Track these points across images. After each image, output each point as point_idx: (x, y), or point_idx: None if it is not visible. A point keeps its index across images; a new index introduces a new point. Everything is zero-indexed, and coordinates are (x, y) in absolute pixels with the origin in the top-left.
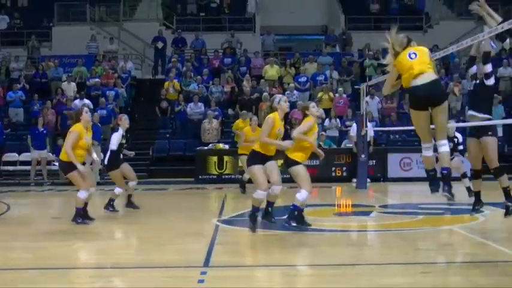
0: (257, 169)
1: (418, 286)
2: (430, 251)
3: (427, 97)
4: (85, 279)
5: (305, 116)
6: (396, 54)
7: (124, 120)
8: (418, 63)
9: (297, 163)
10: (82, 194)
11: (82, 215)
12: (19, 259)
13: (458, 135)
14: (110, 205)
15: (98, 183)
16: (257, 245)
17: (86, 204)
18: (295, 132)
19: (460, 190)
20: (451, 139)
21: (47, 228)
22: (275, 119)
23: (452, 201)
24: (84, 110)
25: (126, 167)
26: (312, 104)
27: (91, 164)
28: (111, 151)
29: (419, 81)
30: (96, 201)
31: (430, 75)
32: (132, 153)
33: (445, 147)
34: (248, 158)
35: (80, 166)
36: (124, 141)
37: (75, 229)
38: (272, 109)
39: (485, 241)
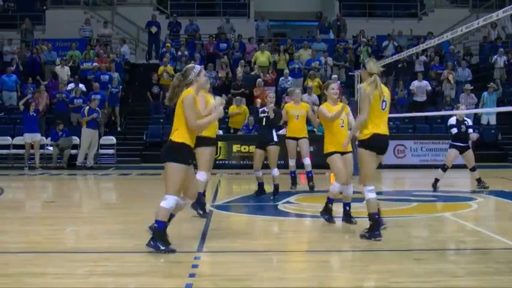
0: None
1: (411, 273)
2: (423, 238)
3: None
4: (77, 263)
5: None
6: None
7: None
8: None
9: (330, 154)
10: (202, 177)
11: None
12: (11, 243)
13: (468, 119)
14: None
15: (91, 168)
16: (251, 230)
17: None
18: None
19: (456, 177)
20: (461, 122)
21: (39, 212)
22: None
23: None
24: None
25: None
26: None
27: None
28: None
29: None
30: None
31: None
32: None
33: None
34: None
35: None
36: (264, 115)
37: (67, 214)
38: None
39: (477, 228)
